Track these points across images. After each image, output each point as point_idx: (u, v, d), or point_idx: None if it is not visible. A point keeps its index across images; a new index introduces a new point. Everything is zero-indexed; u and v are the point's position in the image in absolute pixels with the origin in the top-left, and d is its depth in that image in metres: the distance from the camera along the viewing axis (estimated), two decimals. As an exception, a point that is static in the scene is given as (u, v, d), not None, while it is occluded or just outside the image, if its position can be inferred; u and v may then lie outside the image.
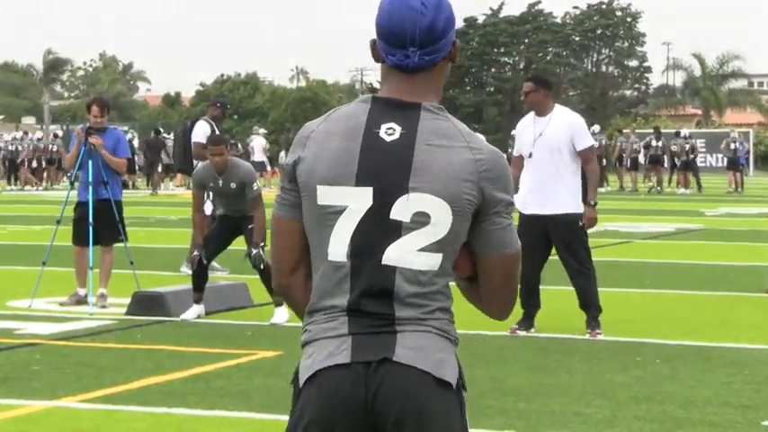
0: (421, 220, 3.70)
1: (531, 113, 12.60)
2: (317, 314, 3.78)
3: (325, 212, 3.75)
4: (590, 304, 12.36)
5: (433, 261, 3.72)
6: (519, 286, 3.99)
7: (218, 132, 17.15)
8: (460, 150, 3.73)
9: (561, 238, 12.35)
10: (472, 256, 3.84)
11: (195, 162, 17.58)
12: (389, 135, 3.73)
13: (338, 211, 3.74)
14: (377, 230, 3.72)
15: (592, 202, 12.42)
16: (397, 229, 3.71)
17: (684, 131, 55.07)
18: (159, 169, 51.98)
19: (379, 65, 3.88)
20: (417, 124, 3.74)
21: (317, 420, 3.72)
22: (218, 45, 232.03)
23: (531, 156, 12.31)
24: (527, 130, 12.51)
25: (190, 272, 15.26)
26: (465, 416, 3.80)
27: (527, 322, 12.46)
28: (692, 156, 50.08)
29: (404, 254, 3.71)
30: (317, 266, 3.80)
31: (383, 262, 3.71)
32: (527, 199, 12.32)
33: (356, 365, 3.68)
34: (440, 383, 3.70)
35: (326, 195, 3.75)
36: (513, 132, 53.27)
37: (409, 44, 3.75)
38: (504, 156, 3.88)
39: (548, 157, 12.25)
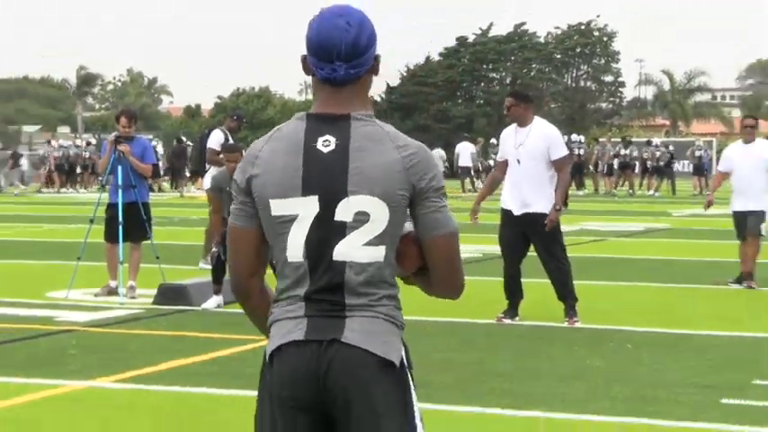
0: (361, 218, 3.79)
1: (514, 124, 12.71)
2: (280, 301, 3.86)
3: (279, 222, 3.84)
4: (566, 295, 12.43)
5: (376, 254, 3.81)
6: (463, 269, 3.97)
7: (231, 141, 17.25)
8: (388, 151, 3.81)
9: (539, 236, 12.42)
10: (417, 250, 3.90)
11: (207, 166, 17.69)
12: (326, 147, 3.81)
13: (290, 220, 3.83)
14: (325, 232, 3.80)
15: (557, 207, 12.44)
16: (342, 229, 3.79)
17: (656, 140, 55.17)
18: (187, 174, 52.06)
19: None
20: (349, 133, 3.82)
21: (279, 393, 3.80)
22: (234, 62, 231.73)
23: (519, 162, 12.40)
24: (509, 139, 12.66)
25: (207, 267, 15.39)
26: (410, 393, 3.83)
27: (511, 312, 12.52)
28: (662, 163, 50.19)
29: (350, 250, 3.79)
30: (280, 268, 3.88)
31: (334, 258, 3.79)
32: (511, 200, 12.45)
33: (310, 343, 3.75)
34: (384, 363, 3.74)
35: (279, 207, 3.84)
36: (492, 140, 53.74)
37: (336, 58, 3.84)
38: (429, 149, 3.95)
39: (530, 164, 12.35)
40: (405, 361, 3.84)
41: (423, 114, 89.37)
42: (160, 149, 55.48)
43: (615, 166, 51.35)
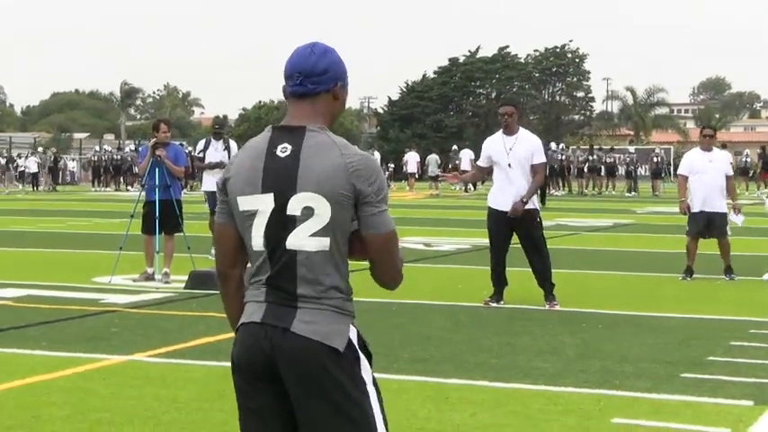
0: (307, 213, 3.84)
1: (499, 133, 12.60)
2: (251, 286, 3.91)
3: (245, 216, 3.92)
4: (546, 282, 12.37)
5: (322, 243, 3.82)
6: (400, 266, 3.93)
7: (212, 147, 17.94)
8: (334, 157, 3.86)
9: (526, 230, 12.36)
10: (361, 243, 3.91)
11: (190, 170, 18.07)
12: (283, 152, 3.90)
13: (253, 214, 3.90)
14: (279, 224, 3.86)
15: (525, 200, 12.34)
16: (293, 222, 3.84)
17: (632, 148, 55.43)
18: None
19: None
20: (302, 141, 3.90)
21: (238, 362, 3.88)
22: (257, 76, 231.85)
23: (510, 166, 12.32)
24: (497, 145, 12.52)
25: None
26: (360, 372, 3.82)
27: (497, 296, 12.45)
28: (632, 167, 50.37)
29: (299, 239, 3.83)
30: (249, 255, 3.95)
31: (287, 247, 3.84)
32: (502, 199, 12.36)
33: (265, 326, 3.80)
34: (328, 349, 3.76)
35: (244, 203, 3.92)
36: (454, 147, 53.73)
37: (297, 74, 3.99)
38: (373, 157, 3.98)
39: (519, 167, 12.29)
40: (354, 344, 3.85)
41: (420, 125, 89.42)
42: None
43: (585, 170, 51.41)
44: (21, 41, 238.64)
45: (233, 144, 18.46)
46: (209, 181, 18.20)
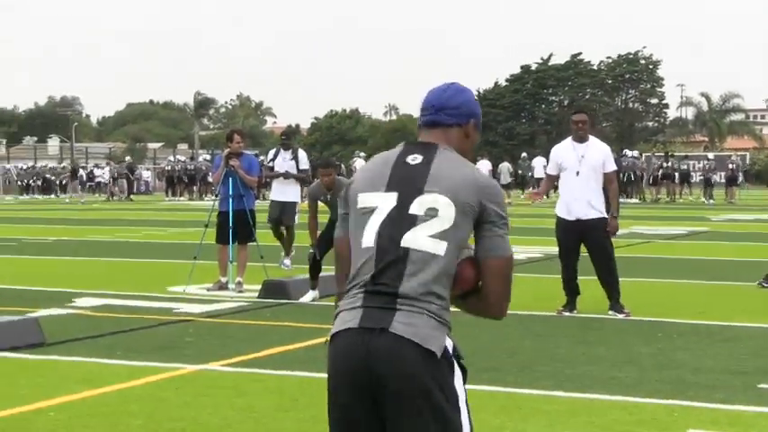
0: (431, 213, 3.81)
1: (568, 140, 12.51)
2: (347, 293, 3.89)
3: (362, 213, 3.92)
4: (614, 291, 12.29)
5: (439, 247, 3.78)
6: (509, 294, 3.90)
7: (281, 157, 18.27)
8: (467, 170, 3.91)
9: (594, 237, 12.29)
10: (474, 270, 3.88)
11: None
12: (413, 161, 3.93)
13: (370, 211, 3.89)
14: (398, 222, 3.84)
15: (615, 215, 12.36)
16: (413, 221, 3.82)
17: (710, 155, 55.03)
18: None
19: (464, 142, 4.14)
20: (434, 155, 3.94)
21: (333, 373, 3.82)
22: (328, 86, 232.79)
23: (578, 174, 12.25)
24: (569, 153, 12.41)
25: (288, 267, 16.03)
26: (453, 382, 3.76)
27: (570, 306, 12.38)
28: (710, 174, 49.85)
29: (417, 238, 3.80)
30: (354, 254, 3.93)
31: (401, 244, 3.80)
32: (572, 207, 12.28)
33: (361, 330, 3.74)
34: (426, 352, 3.69)
35: (363, 200, 3.93)
36: (523, 155, 53.39)
37: (431, 106, 4.07)
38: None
39: (591, 175, 12.22)
40: (450, 353, 3.79)
41: (492, 132, 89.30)
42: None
43: (659, 177, 50.99)
44: (96, 52, 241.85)
45: (301, 153, 18.57)
46: (278, 190, 18.33)
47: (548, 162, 13.48)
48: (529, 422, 7.29)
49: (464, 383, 3.83)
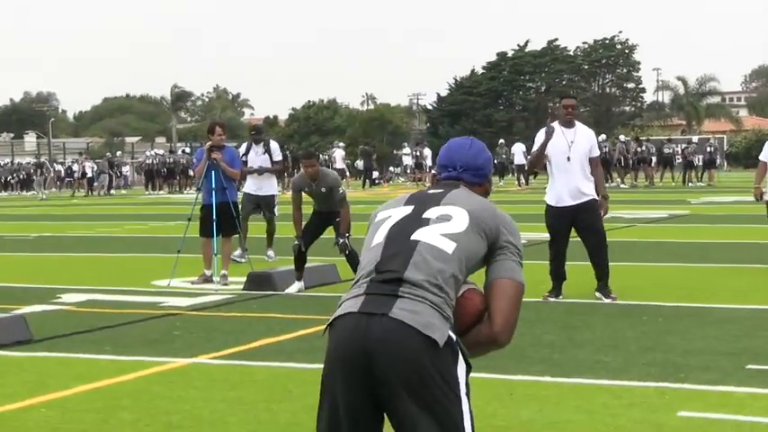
0: (444, 218, 3.89)
1: (555, 126, 12.50)
2: (352, 287, 3.92)
3: (377, 224, 4.02)
4: (605, 274, 12.33)
5: (448, 245, 3.81)
6: (516, 321, 3.92)
7: (253, 151, 18.00)
8: (485, 202, 4.03)
9: (587, 219, 12.33)
10: (479, 296, 3.91)
11: None
12: (434, 191, 4.09)
13: (385, 219, 3.99)
14: (410, 223, 3.91)
15: (606, 196, 12.47)
16: (425, 222, 3.89)
17: (694, 138, 55.23)
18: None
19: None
20: (455, 188, 4.07)
21: (331, 357, 3.82)
22: (306, 76, 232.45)
23: (569, 159, 12.27)
24: (558, 138, 12.37)
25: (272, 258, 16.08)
26: (456, 371, 3.74)
27: (556, 291, 12.42)
28: (693, 157, 50.05)
29: (428, 234, 3.85)
30: (363, 256, 4.00)
31: (411, 238, 3.85)
32: (564, 193, 12.29)
33: (361, 315, 3.74)
34: (426, 339, 3.67)
35: (381, 215, 4.05)
36: (500, 141, 53.49)
37: (459, 165, 4.18)
38: None
39: (580, 160, 12.26)
40: (455, 341, 3.77)
41: (469, 120, 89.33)
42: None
43: (635, 162, 51.04)
44: (71, 47, 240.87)
45: (273, 145, 18.44)
46: (254, 185, 18.10)
47: (527, 147, 13.51)
48: (521, 407, 7.33)
49: (467, 375, 3.82)
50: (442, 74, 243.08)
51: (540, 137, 12.55)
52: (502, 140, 58.13)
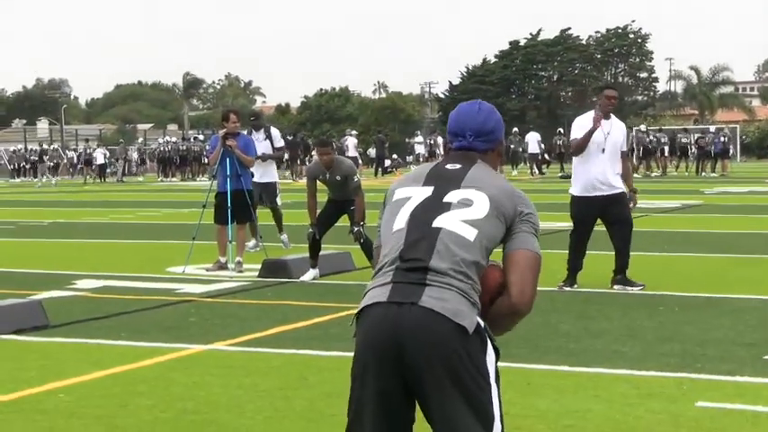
0: (465, 202, 3.87)
1: (590, 115, 12.36)
2: (376, 274, 3.90)
3: (396, 204, 3.98)
4: (626, 265, 12.31)
5: (470, 232, 3.81)
6: (534, 292, 3.91)
7: (254, 138, 17.16)
8: (503, 181, 4.02)
9: (617, 211, 12.30)
10: (499, 271, 3.90)
11: None
12: (452, 167, 4.02)
13: (405, 200, 3.96)
14: (431, 207, 3.88)
15: (635, 190, 12.73)
16: (447, 207, 3.86)
17: (712, 128, 55.14)
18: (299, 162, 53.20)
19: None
20: (474, 164, 4.04)
21: (361, 346, 3.80)
22: (318, 65, 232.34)
23: (604, 151, 12.22)
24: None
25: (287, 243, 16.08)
26: (484, 358, 3.74)
27: (571, 281, 12.39)
28: (711, 147, 49.99)
29: (449, 220, 3.83)
30: (385, 240, 3.96)
31: (432, 225, 3.83)
32: (596, 184, 12.22)
33: (390, 304, 3.72)
34: (456, 326, 3.66)
35: (400, 193, 4.02)
36: (515, 130, 53.46)
37: (468, 132, 4.12)
38: None
39: (613, 152, 12.24)
40: (483, 328, 3.76)
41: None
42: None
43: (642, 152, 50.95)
44: (83, 34, 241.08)
45: (274, 131, 18.31)
46: (256, 172, 17.73)
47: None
48: (538, 397, 7.31)
49: (496, 362, 3.81)
50: (454, 62, 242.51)
51: (581, 123, 12.42)
52: (515, 129, 57.88)
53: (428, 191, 3.95)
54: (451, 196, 3.90)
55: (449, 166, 4.03)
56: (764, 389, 7.46)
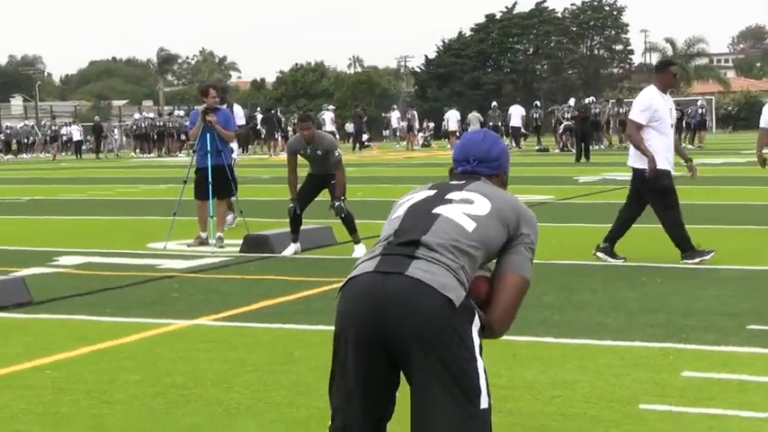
0: (467, 200, 3.91)
1: (657, 91, 12.14)
2: (369, 252, 3.92)
3: (399, 205, 4.05)
4: (620, 238, 12.27)
5: (469, 223, 3.82)
6: (514, 317, 4.00)
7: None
8: (507, 195, 4.03)
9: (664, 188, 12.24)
10: (487, 286, 3.92)
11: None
12: (456, 183, 4.09)
13: (407, 200, 4.03)
14: (432, 201, 3.93)
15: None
16: (448, 202, 3.91)
17: (700, 99, 55.26)
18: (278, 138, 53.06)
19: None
20: (477, 180, 4.09)
21: (344, 315, 3.81)
22: (293, 39, 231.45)
23: (672, 126, 12.19)
24: (663, 104, 12.10)
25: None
26: (471, 330, 3.75)
27: (700, 251, 12.11)
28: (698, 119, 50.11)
29: (450, 210, 3.86)
30: (384, 232, 3.98)
31: (432, 211, 3.87)
32: (670, 158, 12.19)
33: (376, 273, 3.74)
34: (443, 298, 3.66)
35: (404, 198, 4.09)
36: (494, 104, 53.33)
37: (472, 158, 4.16)
38: None
39: (671, 128, 12.19)
40: (471, 302, 3.78)
41: (457, 82, 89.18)
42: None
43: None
44: (57, 10, 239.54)
45: (237, 108, 18.19)
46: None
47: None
48: (525, 368, 7.33)
49: (481, 336, 3.82)
50: (429, 36, 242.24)
51: (646, 103, 12.10)
52: (495, 103, 57.70)
53: (431, 192, 4.04)
54: (454, 195, 3.96)
55: (453, 182, 4.10)
56: (749, 358, 7.50)
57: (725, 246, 13.60)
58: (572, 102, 50.79)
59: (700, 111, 51.00)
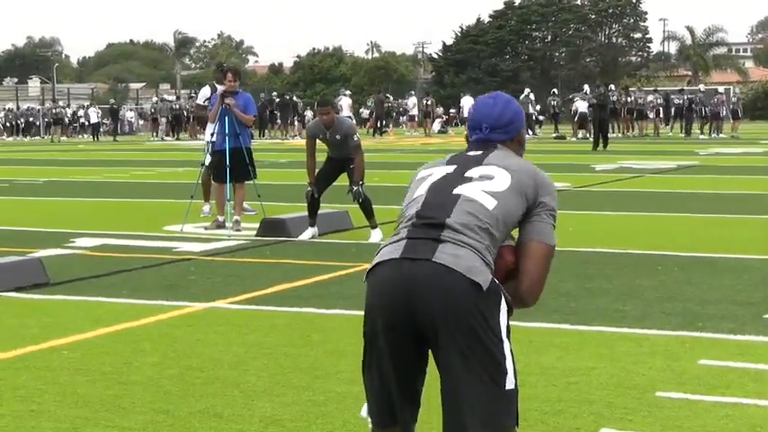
0: (487, 176, 3.89)
1: None
2: (393, 235, 3.90)
3: (418, 181, 4.02)
4: None
5: (489, 201, 3.81)
6: (544, 283, 3.93)
7: (217, 92, 15.83)
8: (525, 163, 3.99)
9: None
10: (512, 256, 3.91)
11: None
12: (473, 153, 4.05)
13: (427, 176, 3.99)
14: (452, 180, 3.91)
15: None
16: (467, 180, 3.88)
17: (721, 89, 55.05)
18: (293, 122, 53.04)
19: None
20: (494, 149, 4.04)
21: (372, 302, 3.83)
22: (311, 24, 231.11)
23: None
24: None
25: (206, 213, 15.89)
26: (498, 314, 3.74)
27: None
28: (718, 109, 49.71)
29: (470, 189, 3.84)
30: (403, 212, 3.98)
31: (452, 192, 3.85)
32: None
33: (403, 260, 3.73)
34: (470, 283, 3.67)
35: (423, 173, 4.06)
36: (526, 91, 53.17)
37: (485, 126, 4.10)
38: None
39: None
40: (498, 285, 3.77)
41: (475, 69, 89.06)
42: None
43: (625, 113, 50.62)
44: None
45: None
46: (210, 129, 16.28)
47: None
48: (542, 355, 7.33)
49: (508, 319, 3.83)
50: (447, 22, 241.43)
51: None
52: (528, 90, 56.37)
53: (450, 168, 3.99)
54: (473, 172, 3.93)
55: (470, 153, 4.06)
56: (766, 347, 7.49)
57: (740, 235, 13.61)
58: (587, 88, 50.55)
59: (734, 99, 50.68)
